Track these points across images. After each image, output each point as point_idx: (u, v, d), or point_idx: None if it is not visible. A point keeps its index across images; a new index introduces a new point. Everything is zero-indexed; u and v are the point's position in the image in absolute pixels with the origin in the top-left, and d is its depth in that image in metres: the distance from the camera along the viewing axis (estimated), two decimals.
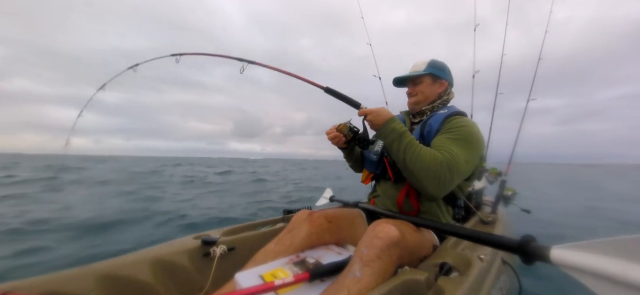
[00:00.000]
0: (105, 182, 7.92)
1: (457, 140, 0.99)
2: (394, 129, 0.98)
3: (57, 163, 17.17)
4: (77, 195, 5.66)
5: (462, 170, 0.96)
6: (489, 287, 0.88)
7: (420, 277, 0.77)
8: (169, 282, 1.00)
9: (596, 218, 4.57)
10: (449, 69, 1.25)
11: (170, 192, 6.16)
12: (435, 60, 1.23)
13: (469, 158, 0.98)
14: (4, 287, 0.72)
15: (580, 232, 3.70)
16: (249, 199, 5.54)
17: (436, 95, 1.22)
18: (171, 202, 4.94)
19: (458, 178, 0.96)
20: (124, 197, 5.39)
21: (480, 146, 1.04)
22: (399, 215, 1.06)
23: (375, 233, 0.81)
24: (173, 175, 10.62)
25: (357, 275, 0.74)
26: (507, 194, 1.93)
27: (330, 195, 1.94)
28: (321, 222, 1.07)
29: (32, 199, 4.86)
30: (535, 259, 0.65)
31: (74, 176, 9.28)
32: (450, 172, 0.92)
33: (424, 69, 1.21)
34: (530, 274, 1.75)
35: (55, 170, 11.32)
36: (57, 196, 5.42)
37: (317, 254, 0.99)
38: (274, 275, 0.84)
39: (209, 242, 1.13)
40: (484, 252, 0.96)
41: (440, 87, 1.22)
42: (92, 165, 17.19)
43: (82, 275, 0.85)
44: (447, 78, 1.23)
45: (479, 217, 1.66)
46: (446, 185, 0.94)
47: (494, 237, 0.81)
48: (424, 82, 1.22)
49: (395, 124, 0.99)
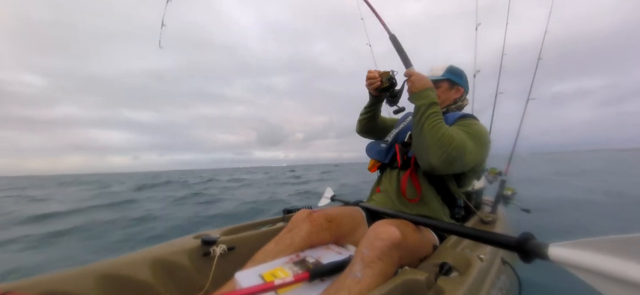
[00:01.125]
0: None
1: (469, 134, 1.03)
2: (429, 95, 1.02)
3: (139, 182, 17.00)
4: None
5: (467, 158, 0.99)
6: (489, 287, 0.88)
7: (420, 277, 0.77)
8: (169, 281, 1.00)
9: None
10: (466, 76, 1.30)
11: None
12: (453, 66, 1.28)
13: (476, 152, 1.02)
14: (4, 287, 0.72)
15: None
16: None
17: (452, 101, 1.26)
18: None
19: (460, 163, 0.99)
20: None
21: (486, 148, 1.08)
22: (399, 214, 1.06)
23: (376, 234, 0.81)
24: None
25: (358, 275, 0.74)
26: (507, 194, 1.93)
27: (331, 195, 1.93)
28: (321, 222, 1.07)
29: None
30: (534, 256, 0.66)
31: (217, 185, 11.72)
32: (457, 152, 0.95)
33: (442, 74, 1.26)
34: (530, 274, 1.75)
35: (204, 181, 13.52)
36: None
37: (317, 253, 0.99)
38: (274, 275, 0.84)
39: (208, 241, 1.13)
40: (484, 252, 0.96)
41: (456, 93, 1.27)
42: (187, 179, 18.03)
43: (82, 275, 0.85)
44: (464, 85, 1.28)
45: (479, 217, 1.65)
46: (449, 163, 0.96)
47: (493, 235, 0.81)
48: (442, 87, 1.26)
49: (433, 93, 1.03)
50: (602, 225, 3.39)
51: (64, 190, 12.62)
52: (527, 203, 1.99)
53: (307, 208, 1.34)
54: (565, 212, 4.06)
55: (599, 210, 4.10)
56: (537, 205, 3.55)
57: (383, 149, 1.27)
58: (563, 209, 4.23)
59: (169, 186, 11.60)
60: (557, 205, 4.45)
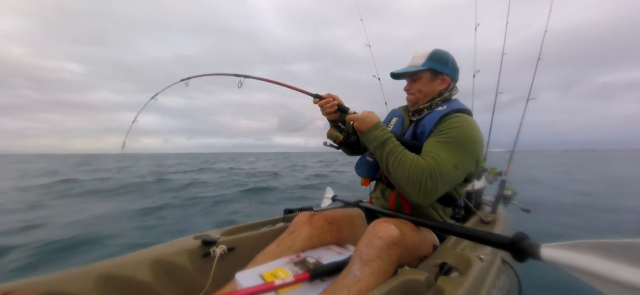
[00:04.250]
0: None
1: (447, 143, 0.93)
2: (376, 136, 0.97)
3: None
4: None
5: (448, 176, 0.90)
6: (488, 287, 0.88)
7: (420, 277, 0.77)
8: (169, 282, 1.00)
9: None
10: (453, 60, 1.12)
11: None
12: (437, 51, 1.10)
13: (459, 162, 0.92)
14: (4, 287, 0.71)
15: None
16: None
17: (436, 93, 1.11)
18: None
19: (444, 185, 0.90)
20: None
21: (475, 148, 0.96)
22: (399, 214, 1.06)
23: (375, 232, 0.81)
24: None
25: (357, 275, 0.74)
26: (507, 194, 1.93)
27: (332, 195, 1.94)
28: (321, 224, 1.07)
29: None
30: (527, 256, 0.68)
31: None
32: (431, 179, 0.87)
33: (423, 63, 1.09)
34: (530, 274, 1.75)
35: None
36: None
37: (317, 253, 0.99)
38: (275, 275, 0.84)
39: (209, 242, 1.13)
40: (484, 252, 0.96)
41: (441, 84, 1.10)
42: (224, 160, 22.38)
43: (82, 275, 0.85)
44: (450, 73, 1.10)
45: (479, 217, 1.66)
46: (429, 193, 0.88)
47: (487, 235, 0.82)
48: (423, 79, 1.10)
49: (378, 131, 0.98)
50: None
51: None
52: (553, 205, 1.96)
53: (308, 209, 1.34)
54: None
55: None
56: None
57: (371, 163, 1.17)
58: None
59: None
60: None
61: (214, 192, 6.53)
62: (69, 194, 6.49)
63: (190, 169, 13.80)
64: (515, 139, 2.07)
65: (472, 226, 1.54)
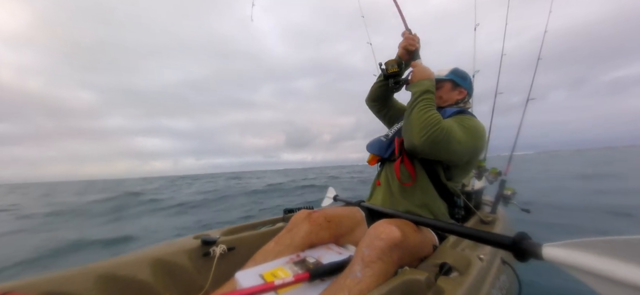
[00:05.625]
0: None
1: (462, 125, 1.06)
2: (425, 85, 1.06)
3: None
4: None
5: (454, 145, 1.00)
6: (488, 287, 0.88)
7: (420, 277, 0.77)
8: (169, 282, 1.00)
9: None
10: (470, 79, 1.34)
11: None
12: (458, 69, 1.32)
13: (465, 141, 1.03)
14: (4, 287, 0.72)
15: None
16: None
17: (453, 101, 1.29)
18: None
19: (445, 148, 1.00)
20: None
21: (480, 143, 1.10)
22: (399, 214, 1.06)
23: (376, 234, 0.81)
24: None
25: (358, 275, 0.74)
26: (507, 194, 1.93)
27: (334, 195, 1.94)
28: (320, 221, 1.07)
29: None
30: (528, 256, 0.67)
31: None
32: (442, 135, 0.96)
33: (446, 75, 1.30)
34: (531, 274, 1.75)
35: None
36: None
37: (317, 253, 0.99)
38: (274, 275, 0.84)
39: (208, 241, 1.13)
40: (484, 252, 0.96)
41: (459, 95, 1.29)
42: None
43: (82, 275, 0.85)
44: (467, 87, 1.30)
45: (479, 217, 1.65)
46: (432, 144, 0.98)
47: (488, 235, 0.81)
48: (444, 87, 1.29)
49: (428, 82, 1.07)
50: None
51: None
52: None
53: (308, 208, 1.34)
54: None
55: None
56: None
57: (384, 143, 1.27)
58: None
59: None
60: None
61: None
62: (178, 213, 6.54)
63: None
64: (515, 139, 2.07)
65: (472, 226, 1.54)
